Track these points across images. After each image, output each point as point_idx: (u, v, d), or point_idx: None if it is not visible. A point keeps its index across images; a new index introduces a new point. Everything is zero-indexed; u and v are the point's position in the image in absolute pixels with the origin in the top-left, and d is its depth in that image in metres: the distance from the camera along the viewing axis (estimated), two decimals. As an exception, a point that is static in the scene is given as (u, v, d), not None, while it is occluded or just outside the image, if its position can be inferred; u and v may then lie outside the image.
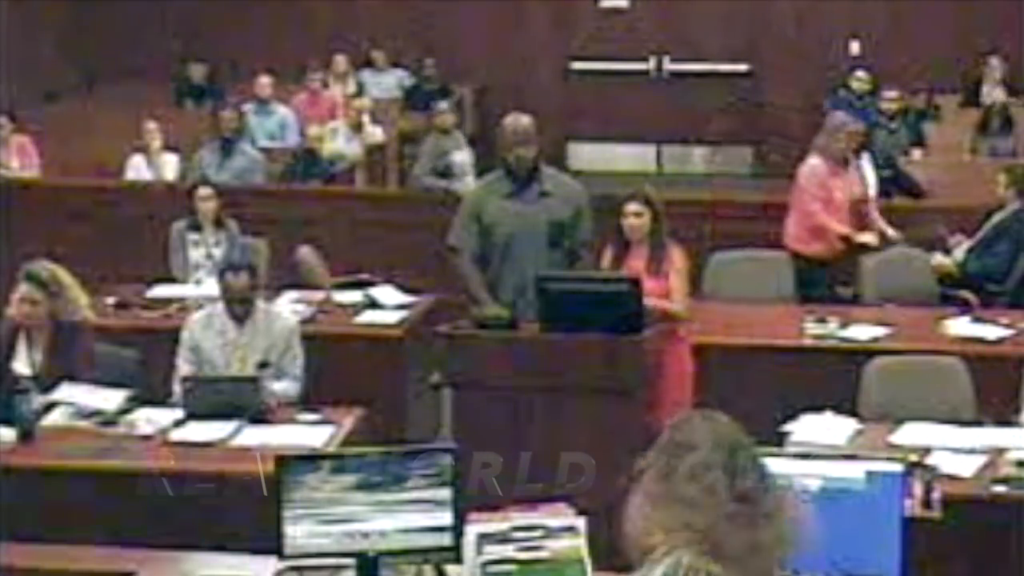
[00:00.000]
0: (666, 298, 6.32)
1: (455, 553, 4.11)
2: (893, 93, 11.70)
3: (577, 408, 5.69)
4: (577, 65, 14.85)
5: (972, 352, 6.40)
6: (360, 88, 13.39)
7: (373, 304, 7.59)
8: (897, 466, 4.06)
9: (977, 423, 5.68)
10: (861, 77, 12.50)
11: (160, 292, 7.77)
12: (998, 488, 4.97)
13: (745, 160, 14.70)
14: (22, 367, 5.91)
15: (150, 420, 5.67)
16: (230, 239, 8.15)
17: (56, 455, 5.39)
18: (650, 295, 6.09)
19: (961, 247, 8.31)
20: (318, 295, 7.69)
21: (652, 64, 14.71)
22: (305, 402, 6.09)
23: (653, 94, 14.61)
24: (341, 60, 13.82)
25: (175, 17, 14.80)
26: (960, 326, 6.99)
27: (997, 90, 12.96)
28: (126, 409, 5.74)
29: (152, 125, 10.68)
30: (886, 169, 9.60)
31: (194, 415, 5.69)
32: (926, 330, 6.93)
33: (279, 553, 4.18)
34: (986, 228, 8.25)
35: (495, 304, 6.39)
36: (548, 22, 14.83)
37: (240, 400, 5.76)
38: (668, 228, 6.47)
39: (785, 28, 14.50)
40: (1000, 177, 8.34)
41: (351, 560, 4.19)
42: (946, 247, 8.36)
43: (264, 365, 6.16)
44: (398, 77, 14.44)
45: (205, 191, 8.23)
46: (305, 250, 7.79)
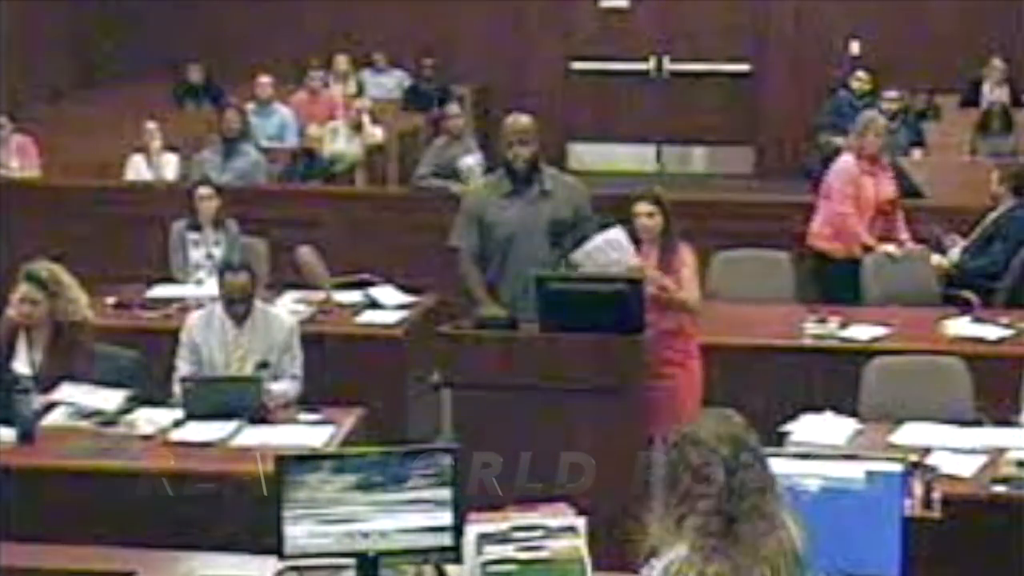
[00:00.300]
0: None
1: (455, 553, 4.11)
2: (893, 93, 11.71)
3: (577, 408, 5.68)
4: (577, 65, 14.85)
5: (972, 352, 6.40)
6: (360, 88, 13.39)
7: (373, 304, 7.59)
8: (897, 466, 4.06)
9: (977, 423, 5.68)
10: (861, 77, 12.51)
11: (160, 292, 7.77)
12: (998, 488, 4.97)
13: (745, 160, 14.70)
14: (22, 367, 5.89)
15: (150, 420, 5.66)
16: (230, 239, 8.14)
17: (56, 455, 5.39)
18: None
19: (957, 247, 8.31)
20: (318, 295, 7.68)
21: (652, 64, 14.71)
22: (305, 402, 6.09)
23: (653, 94, 14.61)
24: (341, 60, 13.83)
25: (175, 17, 14.80)
26: (960, 326, 6.99)
27: (997, 90, 12.96)
28: (126, 409, 5.74)
29: (152, 125, 10.67)
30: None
31: (194, 415, 5.68)
32: (926, 330, 6.93)
33: (279, 553, 4.18)
34: (981, 227, 8.24)
35: (495, 304, 6.39)
36: (548, 22, 14.83)
37: (240, 400, 5.75)
38: (678, 227, 6.47)
39: (785, 28, 14.50)
40: (993, 175, 8.34)
41: (351, 560, 4.19)
42: (942, 247, 8.35)
43: (264, 365, 6.16)
44: (398, 77, 14.44)
45: (205, 191, 8.23)
46: (305, 250, 7.77)
